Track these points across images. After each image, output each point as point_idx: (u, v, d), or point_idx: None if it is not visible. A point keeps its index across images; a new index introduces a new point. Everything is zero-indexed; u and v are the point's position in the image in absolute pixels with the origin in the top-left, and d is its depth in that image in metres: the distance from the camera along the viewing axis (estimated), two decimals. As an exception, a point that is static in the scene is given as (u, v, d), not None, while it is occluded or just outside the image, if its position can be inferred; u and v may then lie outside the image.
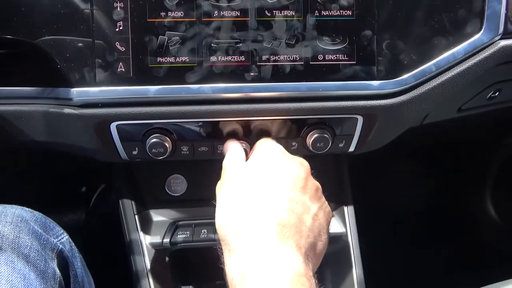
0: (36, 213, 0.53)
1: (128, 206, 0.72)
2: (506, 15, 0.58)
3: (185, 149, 0.62)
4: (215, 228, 0.48)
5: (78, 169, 1.10)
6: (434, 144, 1.18)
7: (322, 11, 0.57)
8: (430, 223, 1.31)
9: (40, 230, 0.50)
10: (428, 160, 1.28)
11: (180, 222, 0.72)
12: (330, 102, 0.59)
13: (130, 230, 0.70)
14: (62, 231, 0.54)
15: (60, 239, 0.54)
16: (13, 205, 0.52)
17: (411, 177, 1.25)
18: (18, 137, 0.62)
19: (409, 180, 1.25)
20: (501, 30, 0.58)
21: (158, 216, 0.74)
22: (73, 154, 0.69)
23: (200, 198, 0.73)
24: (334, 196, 0.75)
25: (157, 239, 0.70)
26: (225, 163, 0.55)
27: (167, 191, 0.74)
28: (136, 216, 0.71)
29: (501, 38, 0.59)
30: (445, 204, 1.34)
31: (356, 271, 0.74)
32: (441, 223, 1.32)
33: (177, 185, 0.74)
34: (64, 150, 0.66)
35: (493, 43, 0.59)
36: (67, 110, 0.57)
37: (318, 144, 0.61)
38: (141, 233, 0.70)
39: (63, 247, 0.54)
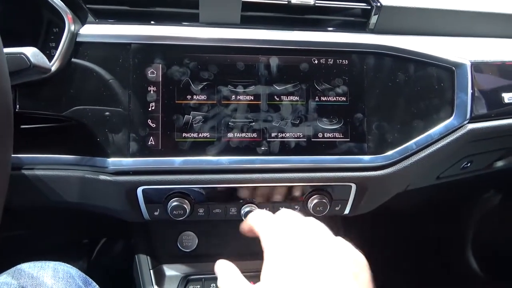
0: (76, 269, 0.60)
1: (144, 262, 0.78)
2: (471, 104, 0.70)
3: (201, 211, 0.70)
4: None
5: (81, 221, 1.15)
6: (417, 202, 1.29)
7: (322, 97, 0.69)
8: (418, 275, 1.38)
9: (82, 286, 0.57)
10: (412, 216, 1.37)
11: (191, 277, 0.78)
12: (328, 173, 0.69)
13: (145, 284, 0.75)
14: (97, 287, 0.61)
15: None
16: (61, 263, 0.59)
17: (396, 233, 1.34)
18: (51, 198, 0.68)
19: (393, 236, 1.34)
20: (468, 115, 0.71)
21: (171, 271, 0.79)
22: (97, 212, 0.76)
23: (210, 253, 0.80)
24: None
25: None
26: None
27: (179, 247, 0.80)
28: (151, 271, 0.77)
29: (468, 122, 0.71)
30: (429, 256, 1.42)
31: None
32: (426, 274, 1.39)
33: (189, 241, 0.80)
34: (90, 210, 0.73)
35: (462, 126, 0.71)
36: (102, 177, 0.65)
37: (317, 208, 0.70)
38: (156, 287, 0.76)
39: None
